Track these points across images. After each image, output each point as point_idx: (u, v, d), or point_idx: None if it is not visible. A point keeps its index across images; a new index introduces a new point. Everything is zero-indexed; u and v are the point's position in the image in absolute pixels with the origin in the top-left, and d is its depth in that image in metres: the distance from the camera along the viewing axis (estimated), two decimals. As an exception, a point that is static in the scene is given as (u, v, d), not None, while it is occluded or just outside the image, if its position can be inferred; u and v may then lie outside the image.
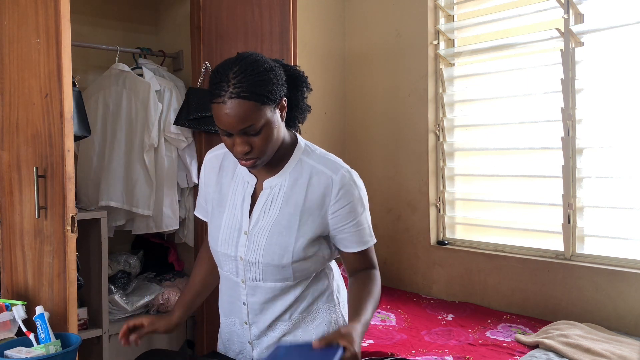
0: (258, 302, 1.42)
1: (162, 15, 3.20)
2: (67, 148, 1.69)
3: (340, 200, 1.34)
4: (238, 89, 1.21)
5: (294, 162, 1.38)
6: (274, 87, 1.26)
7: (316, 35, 3.58)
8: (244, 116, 1.22)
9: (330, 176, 1.35)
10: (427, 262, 3.34)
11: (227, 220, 1.41)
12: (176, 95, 2.74)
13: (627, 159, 2.62)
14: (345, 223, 1.36)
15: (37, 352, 1.48)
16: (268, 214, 1.37)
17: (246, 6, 2.54)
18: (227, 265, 1.44)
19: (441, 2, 3.30)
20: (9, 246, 1.91)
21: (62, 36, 1.69)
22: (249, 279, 1.40)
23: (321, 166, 1.37)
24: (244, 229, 1.38)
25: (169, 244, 3.04)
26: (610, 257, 2.66)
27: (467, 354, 2.32)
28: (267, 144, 1.28)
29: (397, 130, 3.48)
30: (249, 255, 1.37)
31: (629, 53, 2.61)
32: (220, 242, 1.42)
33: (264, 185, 1.39)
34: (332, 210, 1.35)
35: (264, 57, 1.30)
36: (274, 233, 1.35)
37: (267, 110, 1.25)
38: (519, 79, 2.98)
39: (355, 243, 1.40)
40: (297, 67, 1.41)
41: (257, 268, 1.37)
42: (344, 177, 1.35)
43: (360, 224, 1.38)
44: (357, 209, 1.37)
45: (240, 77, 1.22)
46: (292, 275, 1.37)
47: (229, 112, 1.21)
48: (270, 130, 1.27)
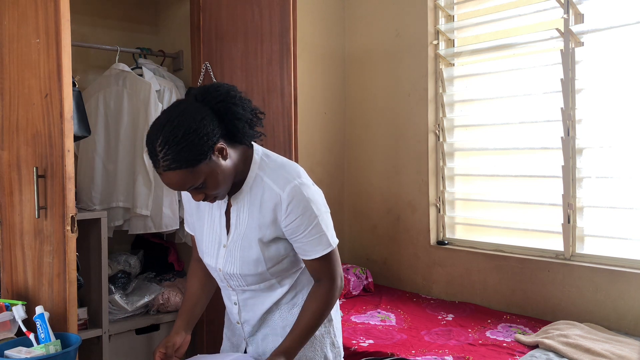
0: (248, 302, 1.53)
1: (162, 15, 3.19)
2: (67, 148, 1.70)
3: (290, 215, 1.40)
4: (166, 162, 1.27)
5: (252, 179, 1.44)
6: (200, 146, 1.28)
7: (316, 35, 3.58)
8: (183, 182, 1.31)
9: (278, 194, 1.40)
10: (427, 262, 3.34)
11: (207, 234, 1.51)
12: (176, 95, 2.74)
13: (627, 159, 2.62)
14: (299, 233, 1.43)
15: (37, 352, 1.48)
16: (239, 229, 1.46)
17: (246, 6, 2.54)
18: (215, 273, 1.55)
19: (441, 2, 3.30)
20: (9, 246, 1.91)
21: (62, 36, 1.69)
22: (234, 285, 1.52)
23: (271, 182, 1.42)
24: (223, 243, 1.49)
25: (169, 244, 3.04)
26: (610, 257, 2.65)
27: (467, 354, 2.32)
28: (217, 188, 1.35)
29: (397, 130, 3.48)
30: (227, 268, 1.48)
31: (629, 53, 2.61)
32: (204, 254, 1.54)
33: (231, 202, 1.48)
34: (285, 224, 1.42)
35: (185, 113, 1.30)
36: (244, 247, 1.45)
37: (203, 166, 1.30)
38: (519, 79, 2.98)
39: (310, 251, 1.45)
40: (217, 90, 1.37)
41: (237, 278, 1.48)
42: (292, 192, 1.40)
43: (313, 234, 1.43)
44: (309, 219, 1.41)
45: (165, 150, 1.27)
46: (271, 277, 1.48)
47: (169, 181, 1.31)
48: (214, 178, 1.33)
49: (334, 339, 1.61)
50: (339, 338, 1.63)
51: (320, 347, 1.56)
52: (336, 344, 1.62)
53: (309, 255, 1.45)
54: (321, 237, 1.44)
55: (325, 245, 1.45)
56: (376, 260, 3.62)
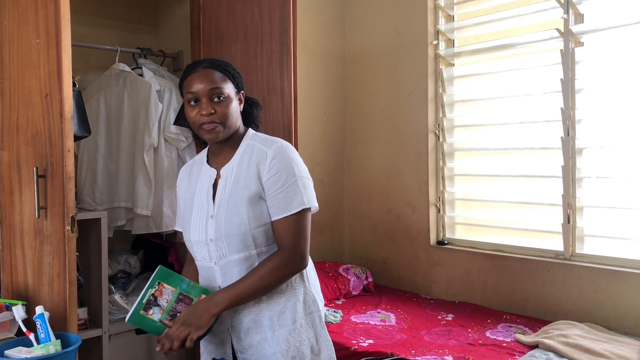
0: (231, 281, 1.53)
1: (162, 15, 3.20)
2: (67, 148, 1.69)
3: (272, 169, 1.51)
4: (212, 64, 1.54)
5: (243, 147, 1.58)
6: (238, 75, 1.59)
7: (316, 35, 3.58)
8: (213, 79, 1.51)
9: (265, 151, 1.54)
10: (427, 262, 3.34)
11: (196, 210, 1.59)
12: (176, 95, 2.74)
13: (627, 159, 2.62)
14: (276, 189, 1.50)
15: (37, 352, 1.48)
16: (225, 192, 1.55)
17: (246, 6, 2.54)
18: (201, 253, 1.59)
19: (441, 2, 3.30)
20: (9, 246, 1.91)
21: (62, 36, 1.69)
22: (219, 256, 1.55)
23: (260, 144, 1.57)
24: (210, 213, 1.56)
25: (169, 244, 3.04)
26: (610, 257, 2.66)
27: (467, 354, 2.32)
28: (227, 113, 1.51)
29: (397, 130, 3.48)
30: (217, 234, 1.53)
31: (629, 53, 2.61)
32: (192, 231, 1.59)
33: (221, 174, 1.58)
34: (266, 178, 1.51)
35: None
36: (230, 207, 1.52)
37: (231, 87, 1.54)
38: (519, 79, 2.98)
39: (281, 209, 1.50)
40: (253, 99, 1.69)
41: (222, 243, 1.53)
42: (277, 149, 1.53)
43: (289, 191, 1.50)
44: (288, 176, 1.51)
45: (214, 59, 1.58)
46: (252, 242, 1.51)
47: (202, 77, 1.50)
48: (230, 103, 1.52)
49: (317, 330, 1.60)
50: (322, 329, 1.63)
51: (307, 338, 1.57)
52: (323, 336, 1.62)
53: (280, 214, 1.50)
54: (296, 196, 1.50)
55: (298, 204, 1.50)
56: (376, 260, 3.62)
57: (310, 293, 1.62)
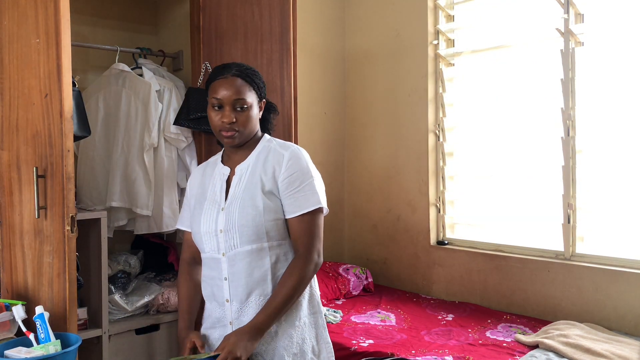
0: (238, 273, 1.56)
1: (162, 15, 3.19)
2: (67, 148, 1.69)
3: (289, 169, 1.58)
4: (240, 72, 1.58)
5: (260, 148, 1.65)
6: (263, 85, 1.64)
7: (316, 35, 3.58)
8: (239, 90, 1.56)
9: (282, 153, 1.61)
10: (427, 262, 3.34)
11: (208, 204, 1.64)
12: (176, 95, 2.74)
13: (627, 159, 2.61)
14: (294, 187, 1.57)
15: (37, 352, 1.48)
16: (240, 188, 1.60)
17: (246, 6, 2.54)
18: (209, 244, 1.61)
19: (441, 2, 3.30)
20: (9, 246, 1.91)
21: (62, 36, 1.69)
22: (229, 247, 1.57)
23: (277, 147, 1.65)
24: (222, 206, 1.60)
25: (169, 244, 3.03)
26: (610, 257, 2.66)
27: (467, 354, 2.32)
28: (248, 122, 1.58)
29: (397, 130, 3.48)
30: (228, 225, 1.57)
31: (629, 53, 2.61)
32: (202, 222, 1.62)
33: (235, 171, 1.64)
34: (282, 178, 1.58)
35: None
36: (245, 198, 1.57)
37: (254, 96, 1.60)
38: (519, 79, 2.98)
39: (299, 207, 1.57)
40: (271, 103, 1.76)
41: (234, 233, 1.56)
42: (293, 152, 1.61)
43: (306, 190, 1.57)
44: (304, 176, 1.58)
45: (243, 67, 1.61)
46: (265, 234, 1.55)
47: (229, 84, 1.56)
48: (251, 112, 1.59)
49: (319, 331, 1.64)
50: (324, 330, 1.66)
51: (309, 337, 1.60)
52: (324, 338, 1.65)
53: (296, 212, 1.56)
54: (313, 195, 1.57)
55: (314, 203, 1.57)
56: (376, 260, 3.62)
57: (315, 294, 1.66)
